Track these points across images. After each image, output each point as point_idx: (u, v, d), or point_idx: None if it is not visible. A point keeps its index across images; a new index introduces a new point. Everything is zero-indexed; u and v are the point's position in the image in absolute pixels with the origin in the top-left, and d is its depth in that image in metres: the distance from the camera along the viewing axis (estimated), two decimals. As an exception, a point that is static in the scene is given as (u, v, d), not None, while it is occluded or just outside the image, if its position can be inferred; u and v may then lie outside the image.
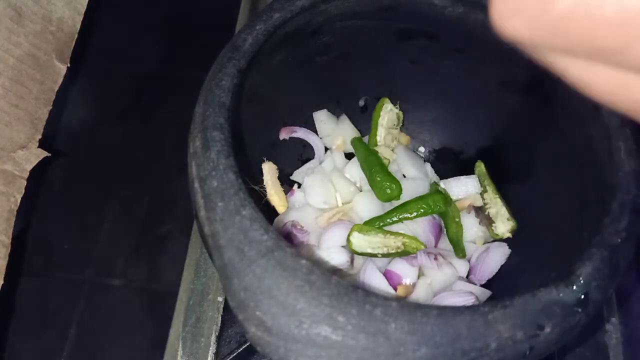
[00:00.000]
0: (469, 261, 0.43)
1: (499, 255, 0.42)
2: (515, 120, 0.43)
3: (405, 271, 0.40)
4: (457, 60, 0.42)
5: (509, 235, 0.42)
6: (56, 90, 0.47)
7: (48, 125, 0.47)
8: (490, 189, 0.44)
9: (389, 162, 0.46)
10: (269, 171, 0.43)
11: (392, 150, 0.46)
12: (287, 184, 0.46)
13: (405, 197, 0.44)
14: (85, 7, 0.50)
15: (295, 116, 0.46)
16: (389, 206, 0.44)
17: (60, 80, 0.48)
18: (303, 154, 0.48)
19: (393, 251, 0.41)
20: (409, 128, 0.49)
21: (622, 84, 0.13)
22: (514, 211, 0.43)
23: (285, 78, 0.42)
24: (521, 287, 0.40)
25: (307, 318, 0.25)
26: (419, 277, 0.40)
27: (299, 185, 0.46)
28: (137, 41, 0.69)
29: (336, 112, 0.48)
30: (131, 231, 0.57)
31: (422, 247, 0.41)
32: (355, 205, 0.44)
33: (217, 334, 0.44)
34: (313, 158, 0.48)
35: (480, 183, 0.44)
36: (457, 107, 0.46)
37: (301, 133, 0.46)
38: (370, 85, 0.47)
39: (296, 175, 0.47)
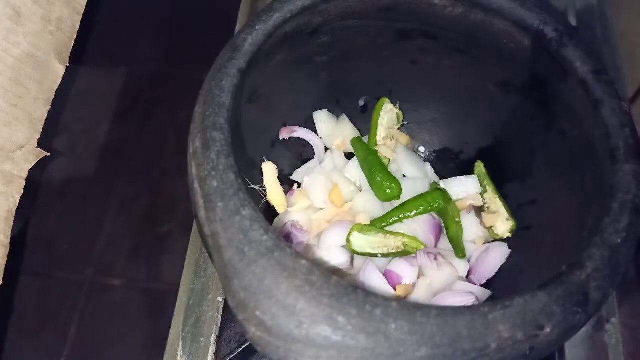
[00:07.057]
0: (469, 261, 0.43)
1: (499, 255, 0.42)
2: (515, 120, 0.43)
3: (405, 271, 0.40)
4: (457, 60, 0.42)
5: (509, 235, 0.42)
6: (55, 90, 0.47)
7: (48, 125, 0.47)
8: (490, 189, 0.44)
9: (389, 162, 0.46)
10: (269, 171, 0.43)
11: (392, 150, 0.46)
12: (287, 184, 0.46)
13: (405, 197, 0.43)
14: (85, 7, 0.50)
15: (295, 116, 0.46)
16: (389, 206, 0.44)
17: (60, 80, 0.48)
18: (303, 154, 0.48)
19: (393, 251, 0.41)
20: (409, 128, 0.49)
21: None
22: (514, 211, 0.43)
23: (285, 78, 0.42)
24: (521, 287, 0.40)
25: (307, 318, 0.25)
26: (419, 277, 0.40)
27: (299, 185, 0.46)
28: (137, 41, 0.69)
29: (336, 112, 0.48)
30: (131, 231, 0.57)
31: (422, 247, 0.41)
32: (355, 205, 0.44)
33: (217, 334, 0.44)
34: (313, 158, 0.47)
35: (480, 183, 0.44)
36: (457, 107, 0.46)
37: (301, 133, 0.46)
38: (370, 85, 0.47)
39: (296, 175, 0.47)
